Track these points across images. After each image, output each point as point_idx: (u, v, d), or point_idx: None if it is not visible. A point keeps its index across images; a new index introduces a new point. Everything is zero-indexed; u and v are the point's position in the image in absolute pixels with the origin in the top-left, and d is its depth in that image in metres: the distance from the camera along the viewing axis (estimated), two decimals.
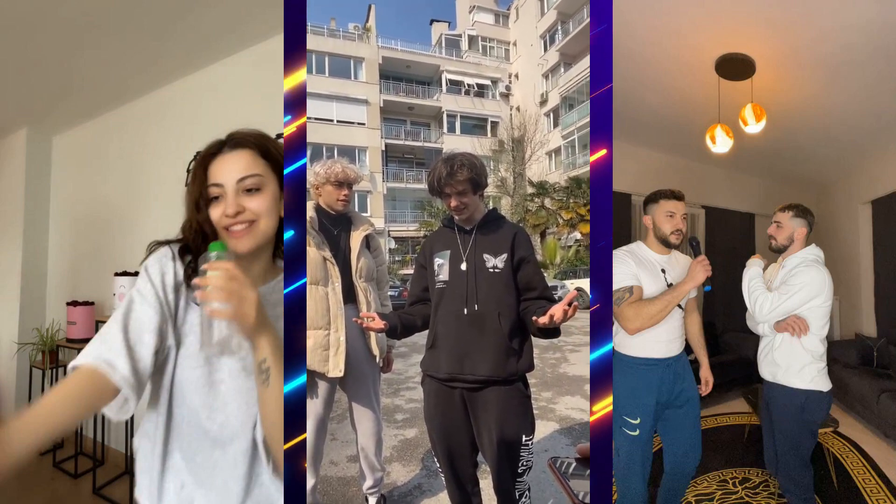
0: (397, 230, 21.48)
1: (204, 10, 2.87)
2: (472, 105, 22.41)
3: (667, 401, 2.05)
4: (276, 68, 1.11)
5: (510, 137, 21.20)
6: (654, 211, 2.04)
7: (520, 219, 18.02)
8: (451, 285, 1.89)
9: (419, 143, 22.35)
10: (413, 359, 5.91)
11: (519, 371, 1.83)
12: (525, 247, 1.87)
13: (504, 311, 1.82)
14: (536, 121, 20.90)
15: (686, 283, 1.94)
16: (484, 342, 1.82)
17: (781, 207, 2.16)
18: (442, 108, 22.20)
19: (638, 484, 2.03)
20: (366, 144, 21.00)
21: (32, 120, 4.73)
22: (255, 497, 1.18)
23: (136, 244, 1.90)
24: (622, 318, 1.94)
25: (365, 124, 21.02)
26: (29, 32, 3.03)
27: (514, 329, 1.83)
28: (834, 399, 3.28)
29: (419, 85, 22.90)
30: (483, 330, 1.82)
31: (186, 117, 3.73)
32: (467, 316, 1.84)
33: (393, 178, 21.94)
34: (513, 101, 22.71)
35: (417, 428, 3.80)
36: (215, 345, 1.04)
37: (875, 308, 4.76)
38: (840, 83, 3.18)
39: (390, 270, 19.23)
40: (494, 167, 20.31)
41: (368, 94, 21.06)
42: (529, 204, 18.77)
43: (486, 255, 1.87)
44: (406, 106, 22.31)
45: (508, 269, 1.84)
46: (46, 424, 0.97)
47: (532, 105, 21.39)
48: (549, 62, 21.13)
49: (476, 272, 1.86)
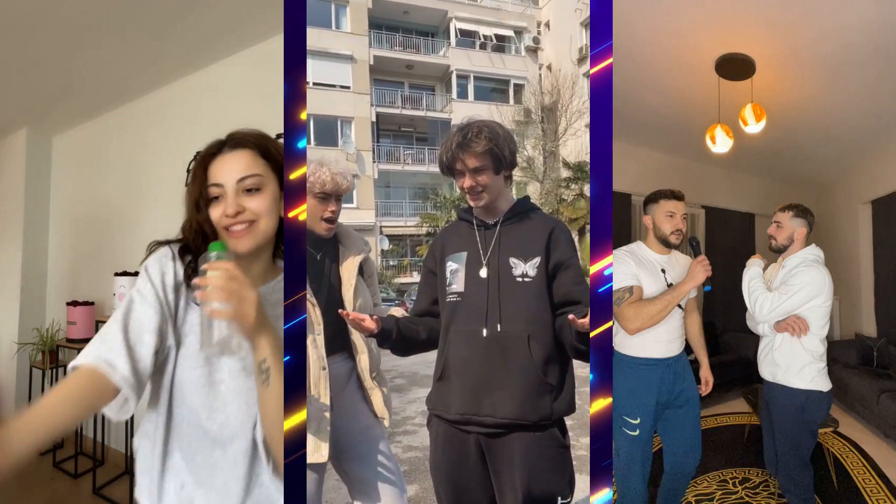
0: (392, 226, 16.74)
1: (204, 10, 2.87)
2: (490, 63, 17.29)
3: (667, 401, 2.05)
4: (276, 68, 1.11)
5: (539, 105, 16.04)
6: (654, 211, 2.04)
7: (552, 210, 13.65)
8: (466, 298, 1.51)
9: (420, 112, 17.19)
10: (413, 394, 4.83)
11: (555, 414, 1.44)
12: (565, 248, 1.50)
13: (536, 333, 1.44)
14: (573, 83, 15.42)
15: (686, 283, 1.94)
16: (508, 374, 1.44)
17: (781, 207, 2.16)
18: (450, 66, 17.10)
19: (638, 484, 2.04)
20: (351, 114, 15.82)
21: (32, 120, 4.73)
22: (255, 497, 1.17)
23: (136, 244, 1.90)
24: (622, 318, 1.94)
25: (350, 88, 15.89)
26: (29, 32, 3.03)
27: (549, 357, 1.45)
28: (834, 399, 3.28)
29: (421, 37, 17.61)
30: (508, 358, 1.44)
31: (186, 117, 3.73)
32: (487, 339, 1.46)
33: (386, 158, 16.86)
34: (542, 58, 17.45)
35: (419, 484, 3.14)
36: (215, 345, 1.04)
37: (875, 308, 4.75)
38: (840, 83, 3.18)
39: (382, 279, 15.90)
40: (519, 143, 13.81)
41: (354, 49, 15.97)
42: (564, 192, 14.49)
43: (513, 258, 1.49)
44: (404, 64, 17.18)
45: (542, 279, 1.47)
46: (46, 424, 0.97)
47: (567, 63, 16.01)
48: (589, 7, 15.57)
49: (500, 282, 1.48)
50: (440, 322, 1.58)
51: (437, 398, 1.54)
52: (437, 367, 1.55)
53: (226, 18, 2.97)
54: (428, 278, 1.65)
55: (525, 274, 1.47)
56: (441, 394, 1.53)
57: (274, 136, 1.24)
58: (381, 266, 16.01)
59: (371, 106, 16.41)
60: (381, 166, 16.72)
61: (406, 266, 16.99)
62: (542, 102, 16.15)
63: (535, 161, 15.29)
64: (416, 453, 3.68)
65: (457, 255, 1.56)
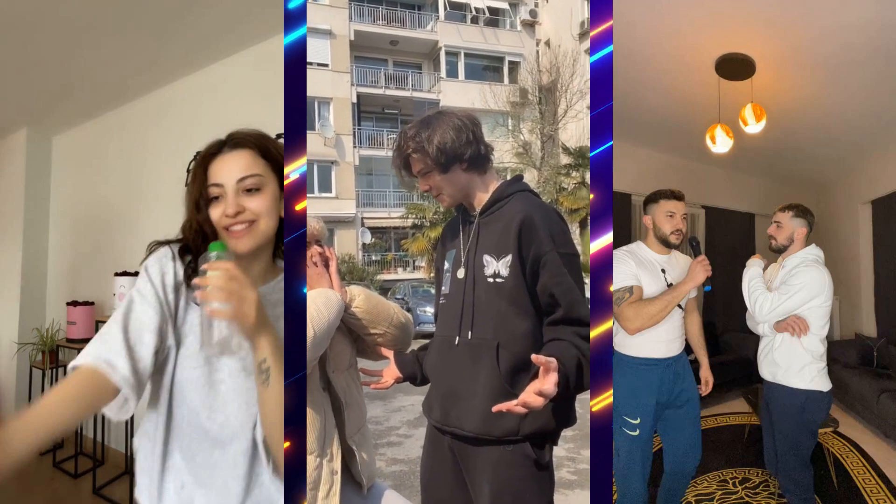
0: (374, 218, 15.43)
1: (204, 10, 2.87)
2: (482, 38, 15.93)
3: (667, 401, 2.05)
4: (276, 68, 1.11)
5: (536, 85, 14.80)
6: (654, 211, 2.04)
7: (551, 200, 12.46)
8: (449, 301, 1.42)
9: (405, 92, 15.78)
10: (398, 402, 4.46)
11: (522, 431, 1.28)
12: (539, 238, 1.27)
13: (507, 341, 1.29)
14: (574, 61, 14.10)
15: (686, 282, 1.94)
16: (475, 385, 1.30)
17: (781, 207, 2.16)
18: (439, 42, 15.80)
19: (638, 484, 2.04)
20: (329, 95, 14.57)
21: (32, 120, 4.73)
22: (255, 497, 1.17)
23: (136, 244, 1.89)
24: (622, 318, 1.94)
25: (328, 66, 14.62)
26: (29, 32, 3.03)
27: (519, 367, 1.28)
28: (834, 399, 3.28)
29: (406, 9, 16.13)
30: (476, 368, 1.31)
31: (186, 117, 3.73)
32: (458, 347, 1.35)
33: (368, 143, 15.50)
34: (540, 33, 16.10)
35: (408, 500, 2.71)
36: (215, 345, 1.04)
37: (875, 308, 4.76)
38: (840, 83, 3.18)
39: (365, 275, 14.31)
40: (514, 127, 13.93)
41: (332, 23, 14.67)
42: (564, 179, 13.34)
43: (486, 256, 1.34)
44: (387, 39, 15.86)
45: (517, 278, 1.29)
46: (46, 424, 0.97)
47: (568, 38, 14.65)
48: None
49: (474, 283, 1.35)
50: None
51: (427, 401, 1.46)
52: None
53: (226, 18, 2.97)
54: (439, 278, 1.52)
55: (497, 273, 1.31)
56: (428, 396, 1.46)
57: (274, 136, 1.24)
58: (362, 261, 14.87)
59: (351, 86, 15.14)
60: (363, 152, 15.36)
61: (390, 262, 15.64)
62: (540, 82, 14.76)
63: (531, 146, 13.85)
64: (402, 467, 3.33)
65: (450, 252, 1.47)
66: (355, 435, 1.52)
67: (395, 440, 3.87)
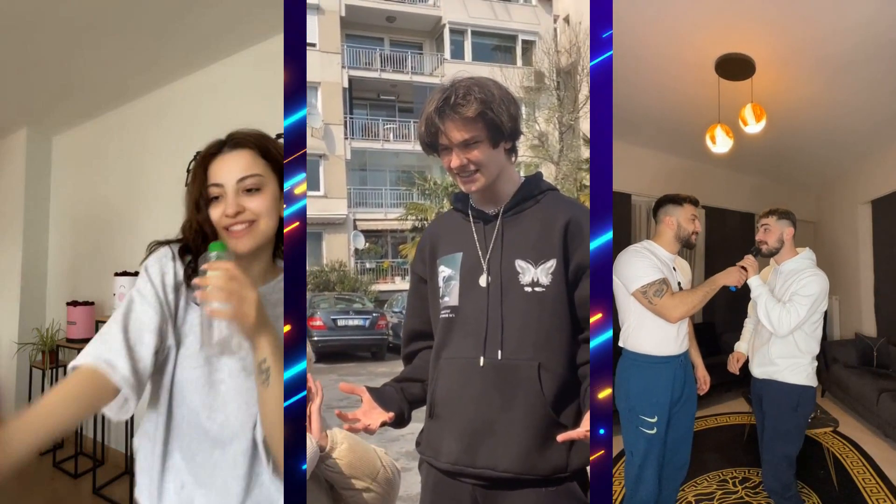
0: (369, 219, 13.56)
1: (204, 10, 2.87)
2: (493, 14, 13.86)
3: (677, 398, 2.08)
4: (276, 68, 1.11)
5: (554, 67, 12.92)
6: (679, 213, 2.07)
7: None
8: (462, 314, 1.19)
9: (404, 76, 13.76)
10: (389, 433, 3.50)
11: (572, 464, 1.12)
12: (588, 244, 1.09)
13: (549, 360, 1.12)
14: None
15: (722, 277, 2.04)
16: (512, 415, 1.12)
17: (764, 213, 2.21)
18: (442, 18, 13.72)
19: (652, 484, 2.03)
20: (317, 79, 12.61)
21: (32, 120, 4.73)
22: (255, 497, 1.17)
23: (136, 244, 1.90)
24: (665, 307, 1.93)
25: (315, 46, 12.52)
26: (29, 32, 3.03)
27: (565, 392, 1.13)
28: (834, 399, 3.29)
29: None
30: (511, 394, 1.13)
31: (186, 117, 3.73)
32: (485, 369, 1.14)
33: (361, 134, 13.49)
34: (557, 8, 13.95)
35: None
36: (215, 345, 1.04)
37: (875, 308, 4.75)
38: (840, 83, 3.18)
39: (358, 285, 12.38)
40: (528, 116, 12.16)
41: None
42: (585, 176, 11.40)
43: (519, 261, 1.16)
44: (384, 15, 13.65)
45: (559, 287, 1.13)
46: (46, 424, 0.97)
47: (589, 14, 13.34)
48: None
49: (503, 293, 1.15)
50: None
51: (428, 440, 1.22)
52: (428, 401, 1.23)
53: (226, 18, 2.98)
54: (418, 288, 1.31)
55: (536, 282, 1.13)
56: (431, 435, 1.21)
57: (274, 136, 1.24)
58: (354, 270, 13.22)
59: (342, 68, 13.13)
60: (355, 144, 13.34)
61: (386, 269, 13.79)
62: (558, 64, 12.91)
63: (548, 137, 12.29)
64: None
65: (450, 256, 1.23)
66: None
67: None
